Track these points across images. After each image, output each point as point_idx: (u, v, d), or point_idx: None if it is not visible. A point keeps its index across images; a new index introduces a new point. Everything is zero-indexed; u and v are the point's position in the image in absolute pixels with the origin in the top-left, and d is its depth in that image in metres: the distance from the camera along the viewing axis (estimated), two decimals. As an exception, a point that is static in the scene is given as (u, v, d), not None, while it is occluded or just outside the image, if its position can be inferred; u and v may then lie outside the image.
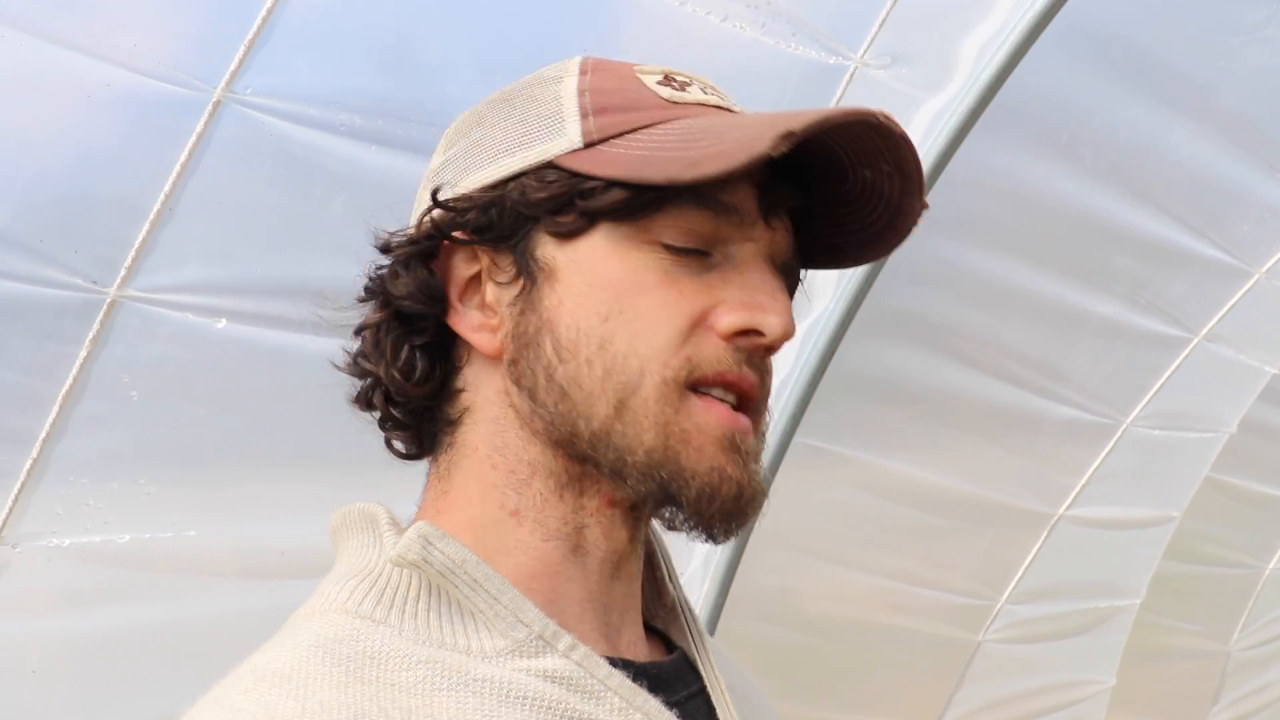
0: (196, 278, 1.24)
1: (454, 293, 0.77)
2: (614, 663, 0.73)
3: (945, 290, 2.63)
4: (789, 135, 0.68)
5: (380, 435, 0.79)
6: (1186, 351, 3.04)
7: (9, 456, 1.27)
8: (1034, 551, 3.13)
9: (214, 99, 1.15)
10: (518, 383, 0.74)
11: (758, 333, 0.73)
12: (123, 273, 1.21)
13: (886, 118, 0.71)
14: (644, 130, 0.74)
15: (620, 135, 0.74)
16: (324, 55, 1.20)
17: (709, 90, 0.79)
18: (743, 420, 0.74)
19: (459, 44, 1.20)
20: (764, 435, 0.77)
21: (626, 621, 0.77)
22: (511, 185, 0.75)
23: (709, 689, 0.80)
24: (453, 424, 0.77)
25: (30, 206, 1.17)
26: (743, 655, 3.16)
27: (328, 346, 0.80)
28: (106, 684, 1.37)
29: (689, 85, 0.78)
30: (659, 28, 1.44)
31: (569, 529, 0.75)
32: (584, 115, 0.75)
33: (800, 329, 2.48)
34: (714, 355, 0.73)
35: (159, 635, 1.40)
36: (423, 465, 0.79)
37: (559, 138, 0.75)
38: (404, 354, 0.76)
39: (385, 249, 0.78)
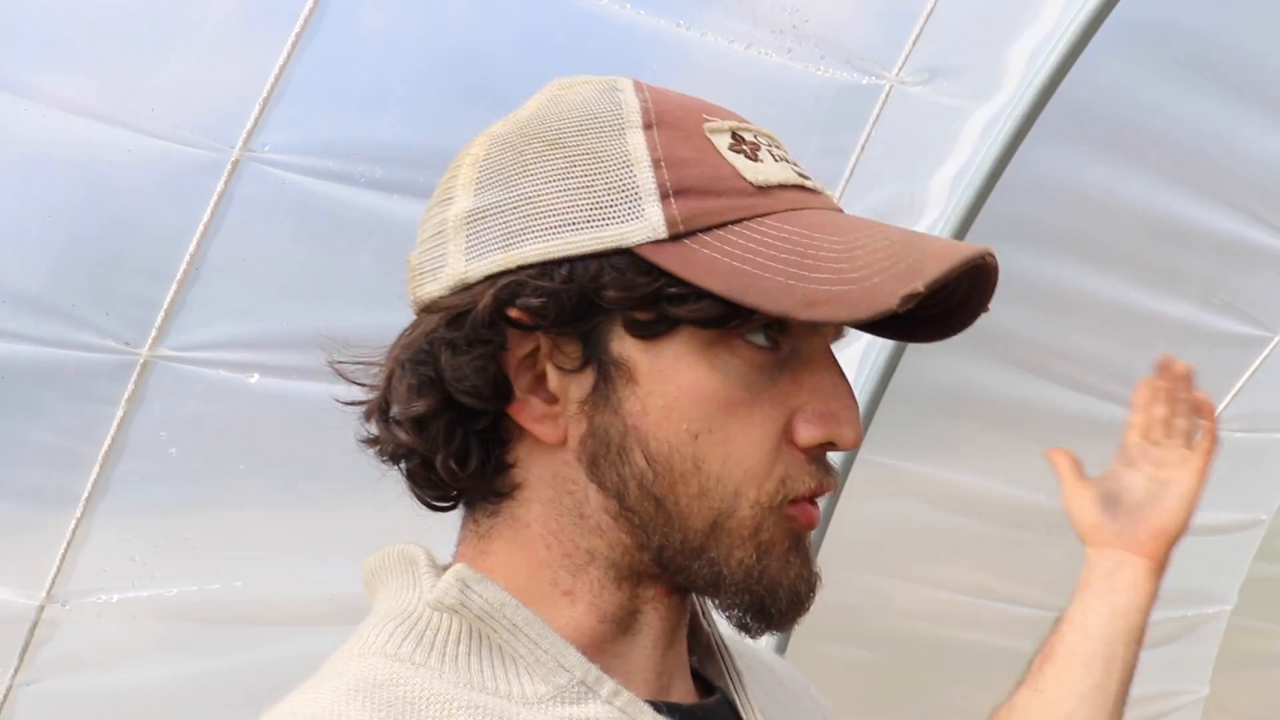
0: (226, 334, 1.25)
1: (514, 379, 0.72)
2: (658, 707, 0.71)
3: (1009, 299, 2.53)
4: (914, 296, 0.66)
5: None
6: (1267, 351, 2.94)
7: (54, 516, 1.29)
8: (1113, 562, 3.04)
9: (232, 158, 1.15)
10: (600, 484, 0.72)
11: (833, 445, 0.72)
12: (154, 333, 1.23)
13: (992, 257, 0.70)
14: (736, 226, 0.70)
15: (708, 230, 0.70)
16: (340, 108, 1.20)
17: (776, 150, 0.75)
18: (816, 514, 0.73)
19: (477, 89, 1.19)
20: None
21: (676, 680, 0.76)
22: (580, 267, 0.69)
23: None
24: (500, 496, 0.74)
25: (61, 271, 1.19)
26: (814, 676, 3.11)
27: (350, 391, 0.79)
28: (158, 736, 1.39)
29: (759, 149, 0.73)
30: (684, 60, 1.42)
31: (624, 613, 0.73)
32: (664, 196, 0.70)
33: (860, 344, 2.45)
34: (803, 473, 0.72)
35: (212, 686, 1.41)
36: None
37: (636, 220, 0.69)
38: (457, 441, 0.72)
39: (441, 335, 0.71)
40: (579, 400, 0.71)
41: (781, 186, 0.72)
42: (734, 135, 0.73)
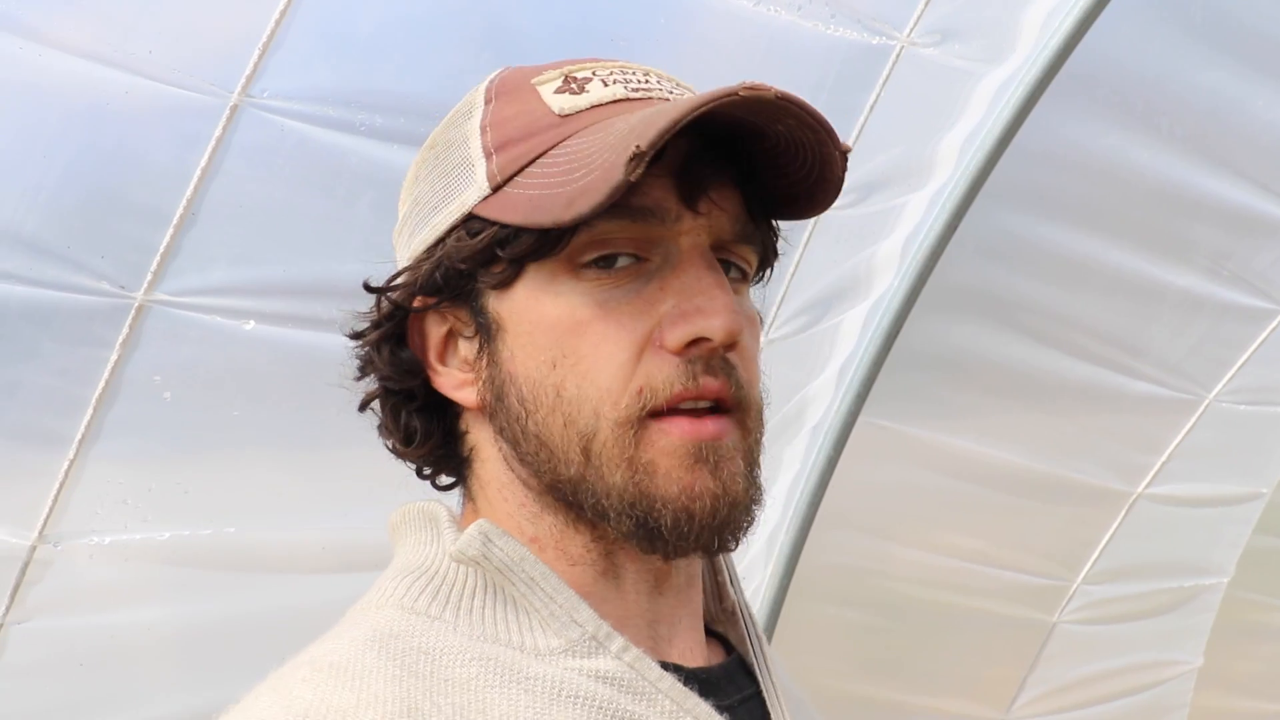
0: (223, 280, 1.25)
1: (432, 356, 0.78)
2: (666, 666, 0.73)
3: (1015, 265, 2.55)
4: (638, 157, 0.67)
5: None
6: (1274, 324, 2.92)
7: (48, 457, 1.29)
8: (1111, 530, 3.04)
9: (231, 103, 1.14)
10: (500, 434, 0.76)
11: (705, 339, 0.71)
12: (149, 277, 1.22)
13: (749, 89, 0.68)
14: (538, 161, 0.73)
15: (519, 172, 0.73)
16: (342, 56, 1.18)
17: (612, 79, 0.77)
18: (709, 426, 0.72)
19: (479, 40, 1.18)
20: (752, 429, 0.75)
21: (679, 631, 0.77)
22: (446, 244, 0.75)
23: (764, 693, 0.79)
24: (466, 460, 0.79)
25: (57, 212, 1.18)
26: (811, 637, 3.14)
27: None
28: (151, 678, 1.39)
29: (589, 82, 0.76)
30: (691, 18, 1.40)
31: (594, 555, 0.75)
32: (487, 155, 0.75)
33: (864, 307, 2.44)
34: (667, 377, 0.71)
35: (203, 630, 1.42)
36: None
37: (471, 185, 0.75)
38: (401, 421, 0.78)
39: (357, 337, 0.79)
40: (478, 361, 0.76)
41: (595, 107, 0.75)
42: (565, 78, 0.77)
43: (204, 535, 1.37)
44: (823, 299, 1.97)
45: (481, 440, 0.77)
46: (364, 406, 0.80)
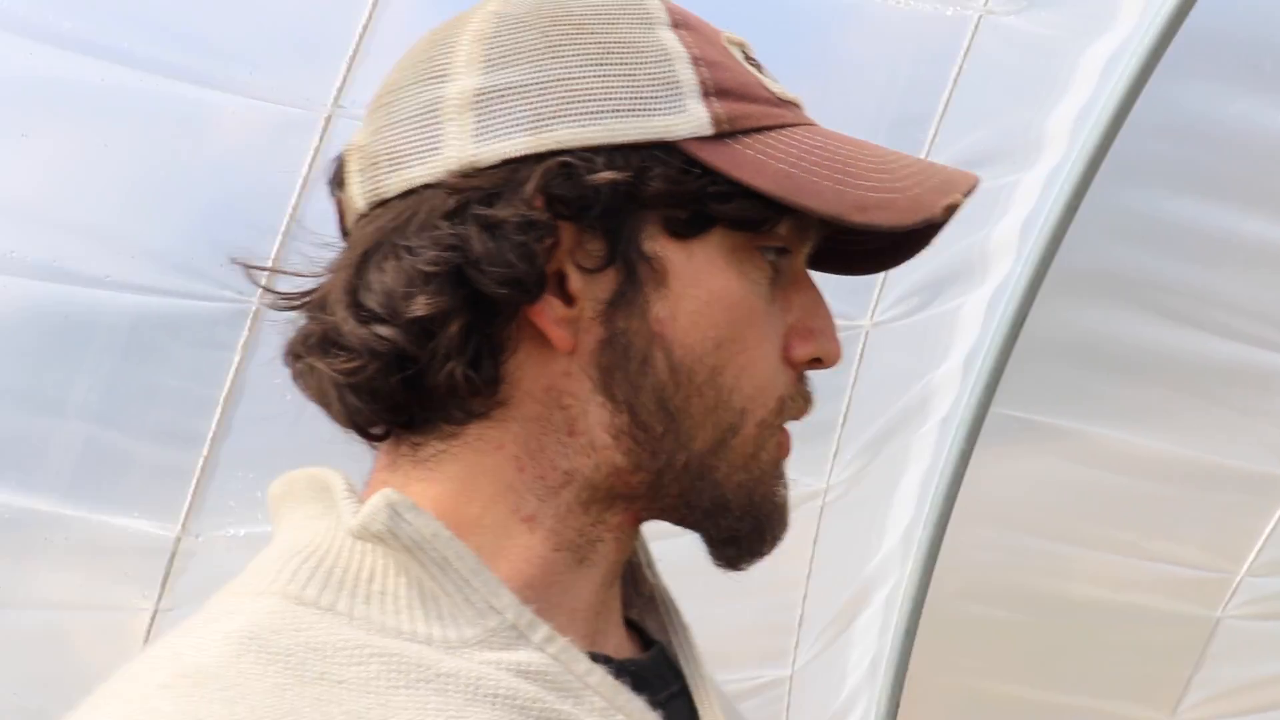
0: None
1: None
2: (595, 658, 0.66)
3: (1143, 243, 2.48)
4: (954, 207, 0.66)
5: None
6: None
7: (184, 455, 1.40)
8: (1276, 518, 2.89)
9: (325, 115, 1.23)
10: (610, 397, 0.66)
11: (819, 361, 0.71)
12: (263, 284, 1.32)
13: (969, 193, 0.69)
14: (773, 133, 0.68)
15: (748, 133, 0.67)
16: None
17: (775, 79, 0.74)
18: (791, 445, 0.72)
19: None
20: None
21: (611, 623, 0.72)
22: (620, 157, 0.65)
23: (691, 688, 0.74)
24: (472, 415, 0.66)
25: (181, 229, 1.28)
26: (957, 636, 3.09)
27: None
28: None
29: (763, 67, 0.73)
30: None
31: (582, 541, 0.68)
32: (706, 94, 0.67)
33: (982, 293, 2.41)
34: (797, 393, 0.70)
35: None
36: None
37: (680, 114, 0.66)
38: (471, 347, 0.64)
39: (475, 212, 0.63)
40: (602, 302, 0.66)
41: (793, 102, 0.72)
42: (743, 51, 0.72)
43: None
44: (933, 281, 1.97)
45: (522, 393, 0.66)
46: (425, 321, 0.63)
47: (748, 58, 0.72)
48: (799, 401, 0.70)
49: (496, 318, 0.65)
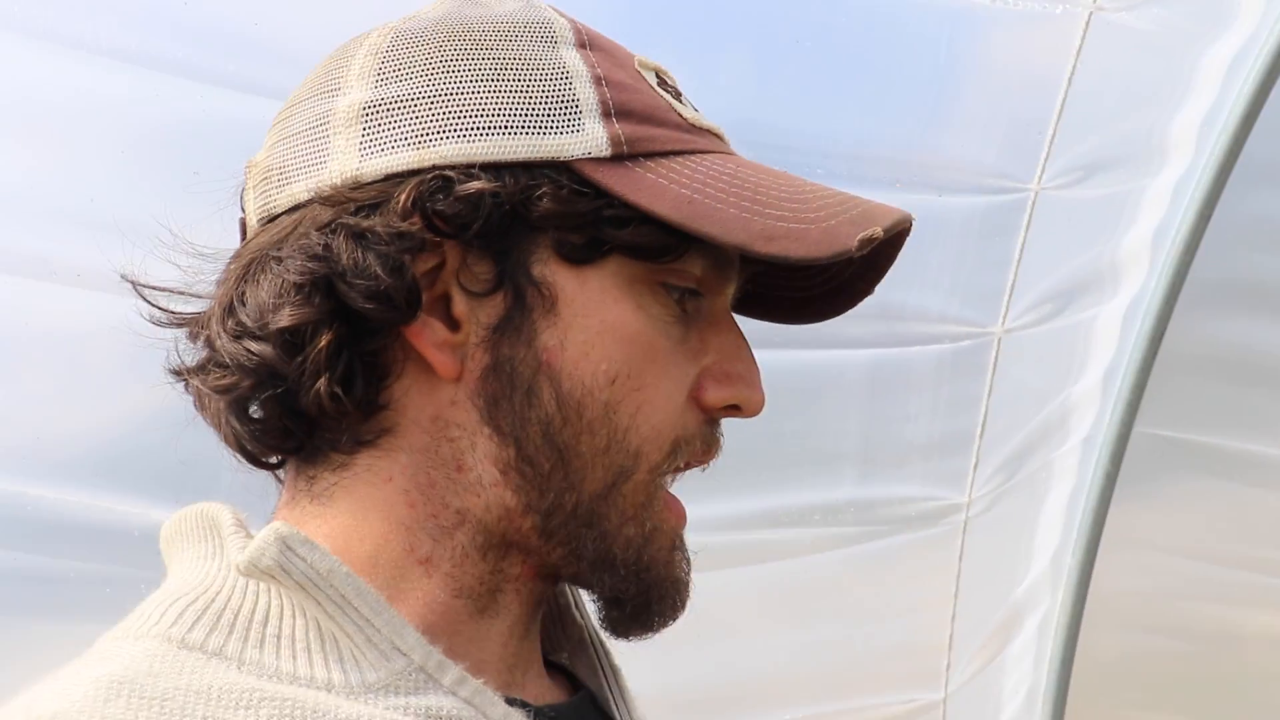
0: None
1: (426, 299, 0.63)
2: (511, 702, 0.63)
3: (1282, 249, 2.42)
4: (871, 241, 0.63)
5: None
6: None
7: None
8: None
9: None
10: (496, 428, 0.63)
11: (737, 408, 0.68)
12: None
13: (907, 228, 0.67)
14: (679, 158, 0.65)
15: (651, 156, 0.65)
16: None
17: (695, 107, 0.71)
18: (683, 511, 0.68)
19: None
20: None
21: (530, 673, 0.68)
22: (509, 176, 0.62)
23: None
24: (360, 444, 0.63)
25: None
26: (1114, 668, 3.00)
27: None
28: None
29: (680, 95, 0.71)
30: None
31: (483, 589, 0.65)
32: (605, 114, 0.64)
33: (1115, 306, 2.37)
34: (697, 436, 0.67)
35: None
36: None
37: (576, 134, 0.63)
38: (342, 364, 0.61)
39: (346, 224, 0.61)
40: (487, 328, 0.63)
41: (709, 130, 0.69)
42: (658, 75, 0.70)
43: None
44: (1062, 290, 1.95)
45: (409, 421, 0.63)
46: (292, 333, 0.61)
47: (663, 82, 0.69)
48: (697, 445, 0.66)
49: (370, 335, 0.62)
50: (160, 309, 0.67)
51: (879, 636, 1.93)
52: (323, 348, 0.61)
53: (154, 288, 0.68)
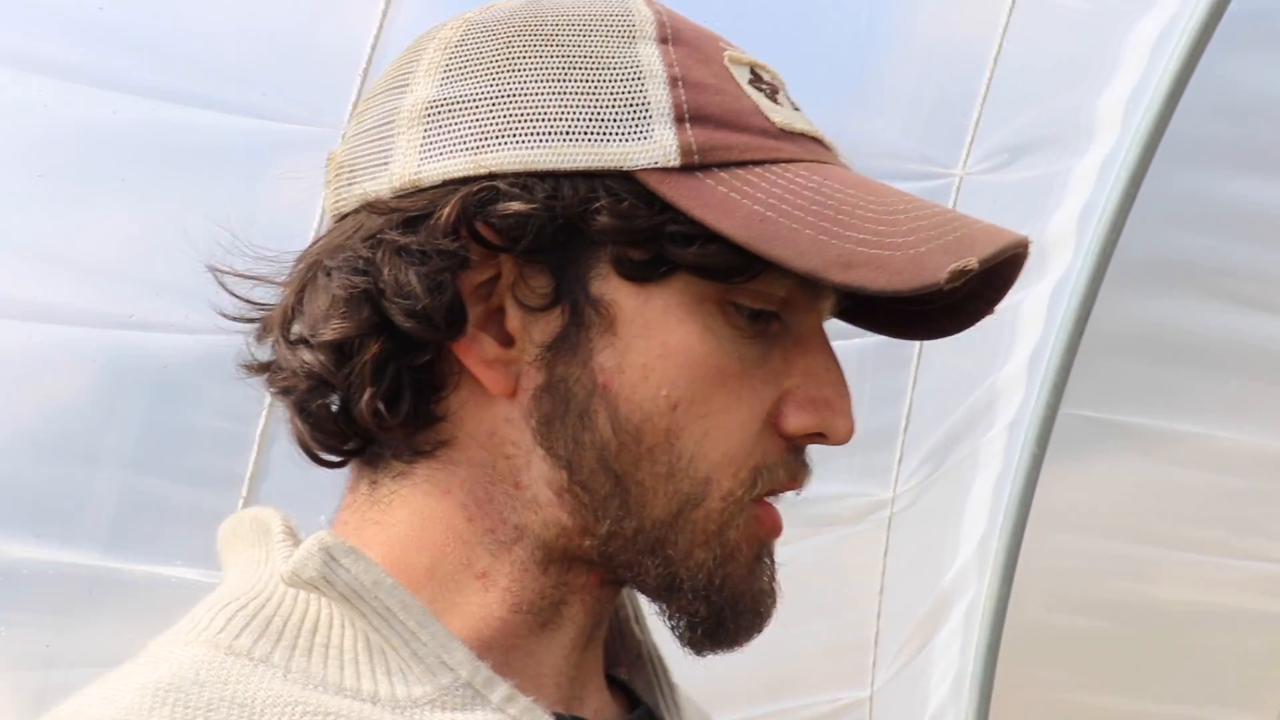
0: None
1: (476, 314, 0.61)
2: (562, 719, 0.61)
3: (1209, 228, 2.39)
4: (964, 273, 0.56)
5: None
6: None
7: (221, 498, 1.37)
8: (1371, 508, 2.77)
9: (342, 132, 1.20)
10: (549, 451, 0.61)
11: (822, 436, 0.63)
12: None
13: (1025, 249, 0.61)
14: (759, 168, 0.60)
15: (726, 166, 0.60)
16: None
17: (791, 99, 0.66)
18: (780, 520, 0.64)
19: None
20: None
21: (590, 688, 0.66)
22: (569, 185, 0.59)
23: None
24: (418, 454, 0.62)
25: (199, 263, 1.26)
26: (1042, 649, 2.98)
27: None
28: None
29: (778, 92, 0.65)
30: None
31: (545, 603, 0.63)
32: (679, 119, 0.60)
33: (1041, 289, 2.32)
34: (779, 464, 0.63)
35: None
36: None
37: (643, 140, 0.59)
38: (388, 378, 0.60)
39: (389, 238, 0.59)
40: (541, 345, 0.60)
41: (804, 135, 0.64)
42: (753, 71, 0.64)
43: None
44: (987, 277, 1.89)
45: (466, 435, 0.62)
46: (339, 346, 0.60)
47: (756, 79, 0.64)
48: (781, 473, 0.63)
49: (418, 349, 0.60)
50: (241, 299, 0.66)
51: (805, 639, 1.88)
52: (368, 360, 0.60)
53: (237, 274, 0.66)
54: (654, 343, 0.60)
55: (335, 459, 0.65)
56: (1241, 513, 2.73)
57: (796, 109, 0.65)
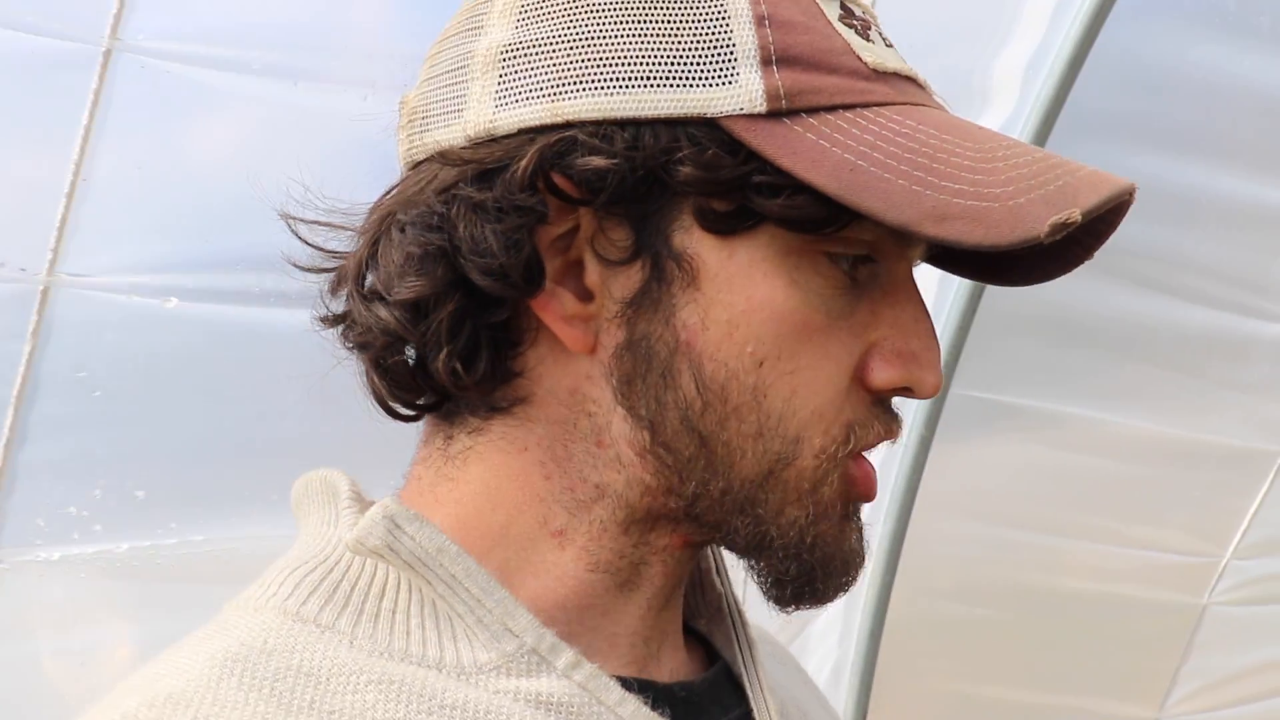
0: (133, 256, 1.12)
1: (554, 268, 0.59)
2: (629, 685, 0.60)
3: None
4: (1066, 226, 0.54)
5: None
6: None
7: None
8: (1260, 497, 2.73)
9: (103, 49, 1.02)
10: (631, 410, 0.59)
11: (909, 390, 0.61)
12: (49, 256, 1.11)
13: (1132, 198, 0.58)
14: (851, 113, 0.58)
15: (816, 111, 0.58)
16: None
17: (885, 35, 0.63)
18: (875, 478, 0.63)
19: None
20: None
21: (667, 646, 0.65)
22: (649, 133, 0.57)
23: (754, 711, 0.67)
24: (495, 410, 0.61)
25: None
26: (928, 638, 2.89)
27: (302, 319, 0.67)
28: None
29: (870, 28, 0.62)
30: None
31: (624, 563, 0.62)
32: (765, 61, 0.58)
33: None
34: (867, 419, 0.61)
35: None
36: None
37: (729, 85, 0.57)
38: (465, 336, 0.59)
39: (463, 193, 0.58)
40: (621, 300, 0.59)
41: (897, 75, 0.61)
42: (843, 5, 0.61)
43: (167, 545, 1.26)
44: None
45: (545, 392, 0.60)
46: (415, 305, 0.59)
47: (848, 14, 0.61)
48: (873, 429, 0.61)
49: (495, 306, 0.59)
50: (314, 247, 0.64)
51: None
52: (444, 318, 0.59)
53: (310, 221, 0.64)
54: (738, 298, 0.58)
55: (410, 413, 0.64)
56: (1133, 500, 2.68)
57: (889, 45, 0.63)
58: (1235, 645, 2.85)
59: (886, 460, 2.34)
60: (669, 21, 0.59)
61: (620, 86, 0.58)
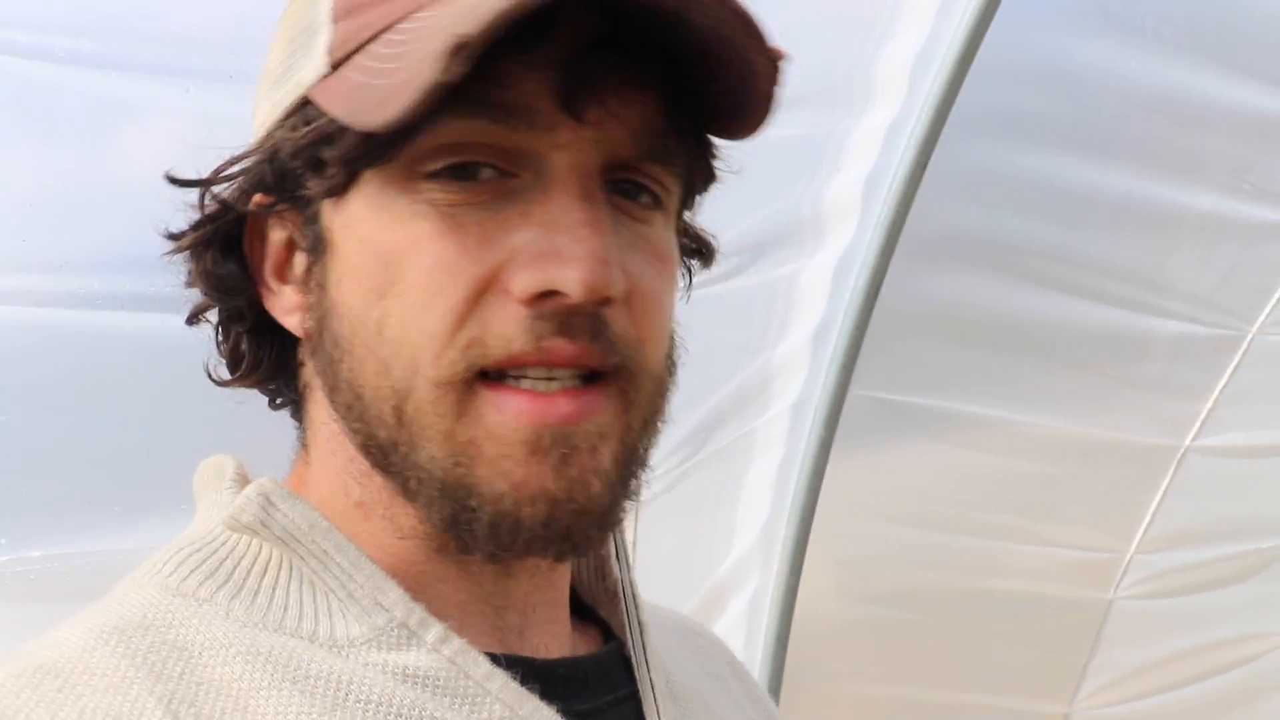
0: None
1: (269, 270, 0.66)
2: (499, 661, 0.61)
3: (1001, 203, 2.31)
4: (460, 48, 0.52)
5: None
6: (1315, 240, 2.62)
7: None
8: (1161, 492, 2.75)
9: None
10: (322, 377, 0.63)
11: (557, 294, 0.58)
12: None
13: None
14: (381, 37, 0.59)
15: (359, 48, 0.60)
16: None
17: None
18: (560, 406, 0.58)
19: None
20: (641, 406, 0.61)
21: (535, 620, 0.66)
22: (281, 131, 0.62)
23: (641, 693, 0.68)
24: (302, 397, 0.68)
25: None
26: (836, 641, 2.86)
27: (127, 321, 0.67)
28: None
29: None
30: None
31: (429, 528, 0.62)
32: (335, 19, 0.61)
33: (828, 261, 2.21)
34: (505, 332, 0.58)
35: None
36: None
37: (310, 58, 0.61)
38: (230, 340, 0.68)
39: (173, 239, 0.67)
40: (304, 282, 0.64)
41: None
42: None
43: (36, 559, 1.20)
44: (752, 244, 1.75)
45: (316, 377, 0.65)
46: (193, 319, 0.68)
47: None
48: (514, 341, 0.57)
49: (239, 314, 0.67)
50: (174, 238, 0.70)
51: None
52: (218, 326, 0.68)
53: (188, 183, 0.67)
54: (351, 246, 0.60)
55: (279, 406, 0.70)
56: (1037, 498, 2.68)
57: None
58: (1142, 639, 2.88)
59: (784, 462, 2.32)
60: (293, 20, 0.63)
61: (267, 95, 0.64)
